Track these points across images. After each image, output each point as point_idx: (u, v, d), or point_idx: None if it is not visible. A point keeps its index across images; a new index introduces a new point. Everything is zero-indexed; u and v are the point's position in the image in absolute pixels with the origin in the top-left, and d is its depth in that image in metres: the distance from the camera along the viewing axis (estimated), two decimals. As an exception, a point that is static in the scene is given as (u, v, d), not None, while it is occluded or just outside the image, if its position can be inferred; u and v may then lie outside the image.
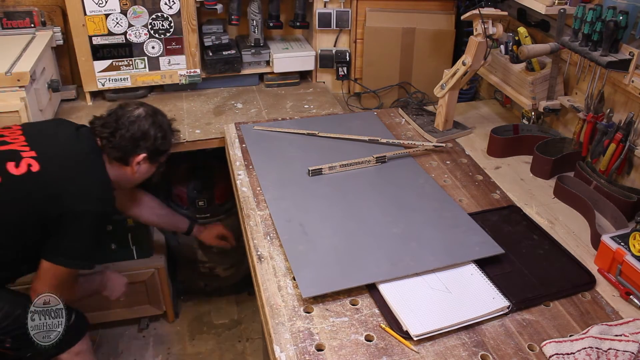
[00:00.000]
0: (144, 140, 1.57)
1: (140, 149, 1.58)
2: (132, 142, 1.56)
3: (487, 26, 1.69)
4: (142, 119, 1.57)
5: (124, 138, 1.55)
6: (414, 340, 1.12)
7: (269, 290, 1.24)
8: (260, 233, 1.42)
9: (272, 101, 2.25)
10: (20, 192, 1.42)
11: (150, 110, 1.62)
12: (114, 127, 1.55)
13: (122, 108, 1.60)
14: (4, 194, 1.42)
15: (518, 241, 1.42)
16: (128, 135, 1.55)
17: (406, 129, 2.00)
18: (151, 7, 2.06)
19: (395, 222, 1.45)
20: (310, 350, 1.09)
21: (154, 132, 1.58)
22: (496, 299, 1.22)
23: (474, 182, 1.68)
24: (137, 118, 1.57)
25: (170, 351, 2.30)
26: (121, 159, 1.58)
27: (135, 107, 1.60)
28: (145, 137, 1.57)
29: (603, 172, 1.59)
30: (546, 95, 1.83)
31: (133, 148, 1.57)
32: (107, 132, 1.55)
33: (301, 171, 1.66)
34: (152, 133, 1.58)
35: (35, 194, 1.42)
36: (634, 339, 1.11)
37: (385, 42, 2.27)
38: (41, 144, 1.50)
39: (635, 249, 1.28)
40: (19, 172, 1.42)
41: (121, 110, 1.59)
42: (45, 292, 1.48)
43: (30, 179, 1.42)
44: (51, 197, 1.43)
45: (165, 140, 1.63)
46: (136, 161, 1.59)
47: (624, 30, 1.49)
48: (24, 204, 1.42)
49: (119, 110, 1.59)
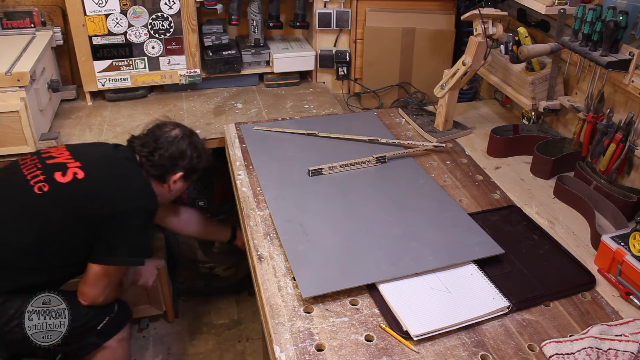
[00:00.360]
0: (182, 159, 1.65)
1: (178, 168, 1.65)
2: (171, 162, 1.63)
3: (487, 26, 1.69)
4: (180, 140, 1.65)
5: (163, 157, 1.62)
6: (414, 340, 1.12)
7: (269, 290, 1.24)
8: (260, 233, 1.42)
9: (272, 101, 2.25)
10: (68, 198, 1.48)
11: (187, 132, 1.69)
12: (153, 147, 1.62)
13: (160, 128, 1.67)
14: (52, 201, 1.47)
15: (518, 241, 1.42)
16: (167, 155, 1.62)
17: (406, 129, 2.00)
18: (151, 7, 2.06)
19: (395, 222, 1.45)
20: (310, 350, 1.09)
21: (190, 152, 1.66)
22: (496, 299, 1.22)
23: (474, 182, 1.68)
24: (174, 139, 1.64)
25: (170, 351, 2.30)
26: (159, 177, 1.65)
27: (172, 127, 1.68)
28: (183, 156, 1.64)
29: (603, 172, 1.59)
30: (546, 95, 1.83)
31: (171, 167, 1.64)
32: (146, 151, 1.62)
33: (301, 171, 1.66)
34: (189, 153, 1.65)
35: (82, 198, 1.48)
36: (634, 339, 1.11)
37: (385, 42, 2.27)
38: (84, 156, 1.57)
39: (635, 249, 1.28)
40: (65, 180, 1.48)
41: (159, 131, 1.66)
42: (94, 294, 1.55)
43: (77, 185, 1.49)
44: (98, 199, 1.48)
45: (200, 160, 1.70)
46: (173, 179, 1.66)
47: (624, 30, 1.49)
48: (72, 209, 1.47)
49: (156, 130, 1.66)
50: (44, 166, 1.51)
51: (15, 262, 1.46)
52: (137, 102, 2.22)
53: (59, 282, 1.59)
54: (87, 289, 1.54)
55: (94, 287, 1.54)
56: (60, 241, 1.49)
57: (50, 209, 1.47)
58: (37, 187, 1.47)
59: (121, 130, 2.00)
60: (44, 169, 1.51)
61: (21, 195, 1.49)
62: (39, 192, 1.46)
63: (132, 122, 2.06)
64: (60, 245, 1.49)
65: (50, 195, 1.47)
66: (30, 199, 1.46)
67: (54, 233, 1.48)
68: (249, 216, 1.49)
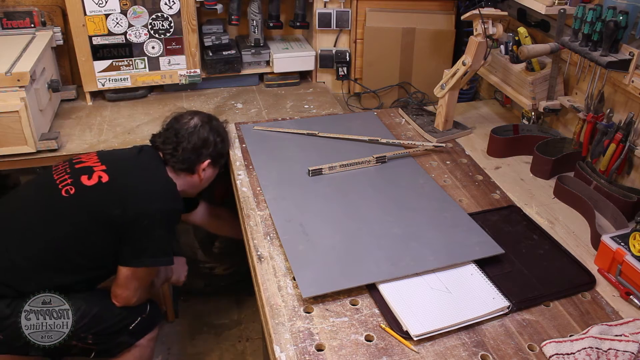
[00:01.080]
0: (205, 148, 1.63)
1: (204, 157, 1.64)
2: (195, 152, 1.62)
3: (487, 26, 1.69)
4: (200, 128, 1.64)
5: (187, 150, 1.61)
6: (414, 340, 1.12)
7: (269, 290, 1.24)
8: (260, 233, 1.42)
9: (272, 101, 2.25)
10: (92, 201, 1.50)
11: (205, 118, 1.68)
12: (175, 142, 1.61)
13: (178, 121, 1.66)
14: (78, 204, 1.49)
15: (518, 241, 1.42)
16: (190, 147, 1.61)
17: (406, 129, 2.00)
18: (151, 7, 2.06)
19: (395, 222, 1.45)
20: (310, 350, 1.09)
21: (213, 138, 1.65)
22: (496, 299, 1.22)
23: (474, 182, 1.68)
24: (194, 128, 1.63)
25: (170, 351, 2.30)
26: (187, 170, 1.64)
27: (190, 117, 1.66)
28: (206, 144, 1.63)
29: (603, 172, 1.59)
30: (546, 95, 1.83)
31: (197, 157, 1.63)
32: (169, 148, 1.61)
33: (301, 171, 1.66)
34: (212, 139, 1.64)
35: (106, 201, 1.49)
36: (634, 339, 1.11)
37: (385, 42, 2.27)
38: (111, 160, 1.59)
39: (635, 249, 1.28)
40: (90, 183, 1.50)
41: (177, 124, 1.65)
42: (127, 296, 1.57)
43: (101, 188, 1.50)
44: (122, 201, 1.49)
45: (224, 144, 1.70)
46: (202, 168, 1.65)
47: (624, 30, 1.49)
48: (96, 211, 1.49)
49: (174, 123, 1.65)
50: (72, 170, 1.54)
51: (45, 262, 1.49)
52: (137, 102, 2.22)
53: (91, 282, 1.61)
54: (119, 290, 1.56)
55: (126, 288, 1.56)
56: (86, 243, 1.50)
57: (76, 211, 1.49)
58: (64, 190, 1.50)
59: (121, 130, 2.00)
60: (72, 173, 1.54)
61: (49, 198, 1.52)
62: (65, 194, 1.49)
63: (132, 122, 2.06)
64: (86, 247, 1.51)
65: (75, 198, 1.49)
66: (57, 201, 1.49)
67: (80, 235, 1.49)
68: (249, 216, 1.49)
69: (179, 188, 1.63)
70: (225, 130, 1.74)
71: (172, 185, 1.60)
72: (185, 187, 1.68)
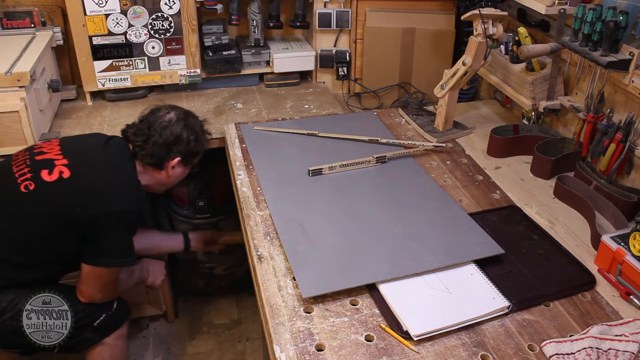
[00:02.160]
0: (177, 144, 1.59)
1: (174, 154, 1.60)
2: (165, 148, 1.58)
3: (487, 26, 1.69)
4: (174, 124, 1.59)
5: (157, 144, 1.57)
6: (414, 340, 1.12)
7: (269, 290, 1.24)
8: (260, 233, 1.42)
9: (272, 101, 2.25)
10: (52, 198, 1.46)
11: (181, 114, 1.63)
12: (146, 134, 1.57)
13: (154, 114, 1.62)
14: (37, 200, 1.46)
15: (518, 241, 1.42)
16: (161, 142, 1.57)
17: (406, 129, 2.00)
18: (151, 7, 2.06)
19: (395, 222, 1.45)
20: (310, 350, 1.09)
21: (186, 135, 1.60)
22: (496, 299, 1.22)
23: (474, 182, 1.68)
24: (169, 123, 1.59)
25: (170, 351, 2.30)
26: (155, 165, 1.60)
27: (167, 111, 1.62)
28: (178, 141, 1.59)
29: (603, 172, 1.59)
30: (546, 95, 1.83)
31: (167, 153, 1.59)
32: (140, 140, 1.58)
33: (301, 171, 1.66)
34: (185, 137, 1.60)
35: (66, 199, 1.46)
36: (634, 339, 1.11)
37: (385, 42, 2.27)
38: (73, 152, 1.54)
39: (635, 249, 1.28)
40: (51, 179, 1.46)
41: (152, 116, 1.61)
42: (90, 293, 1.55)
43: (62, 185, 1.46)
44: (82, 200, 1.46)
45: (197, 143, 1.65)
46: (170, 165, 1.61)
47: (624, 31, 1.49)
48: (56, 209, 1.46)
49: (150, 116, 1.61)
50: (32, 163, 1.50)
51: (6, 257, 1.47)
52: (137, 102, 2.22)
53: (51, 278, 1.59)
54: (83, 287, 1.55)
55: (89, 285, 1.54)
56: (46, 239, 1.48)
57: (36, 208, 1.46)
58: (24, 185, 1.46)
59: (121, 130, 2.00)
60: (32, 165, 1.49)
61: (8, 193, 1.48)
62: (25, 190, 1.45)
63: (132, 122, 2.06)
64: (46, 243, 1.48)
65: (35, 194, 1.45)
66: (16, 197, 1.46)
67: (39, 231, 1.47)
68: (249, 216, 1.49)
69: (145, 183, 1.61)
70: (202, 128, 1.69)
71: (135, 185, 1.56)
72: (151, 183, 1.64)
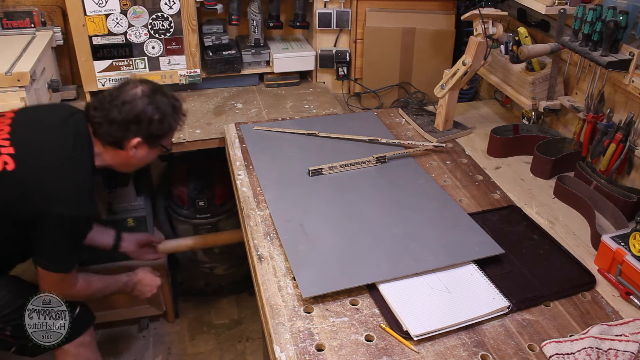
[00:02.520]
0: (137, 123, 1.44)
1: (133, 133, 1.45)
2: (124, 126, 1.43)
3: (487, 26, 1.69)
4: (138, 100, 1.43)
5: (115, 122, 1.42)
6: (414, 340, 1.12)
7: (269, 290, 1.24)
8: (260, 233, 1.42)
9: (272, 101, 2.25)
10: None
11: (148, 89, 1.47)
12: (106, 110, 1.43)
13: (121, 86, 1.48)
14: None
15: (518, 241, 1.42)
16: (120, 119, 1.42)
17: (406, 129, 2.00)
18: (151, 7, 2.05)
19: (395, 222, 1.45)
20: (310, 350, 1.09)
21: (149, 114, 1.44)
22: (496, 299, 1.22)
23: (474, 182, 1.68)
24: (132, 98, 1.44)
25: (170, 351, 2.30)
26: (114, 144, 1.47)
27: (134, 85, 1.47)
28: (137, 120, 1.43)
29: (603, 172, 1.59)
30: (546, 95, 1.83)
31: (124, 132, 1.44)
32: (98, 117, 1.44)
33: (301, 171, 1.66)
34: (147, 116, 1.44)
35: (8, 193, 1.38)
36: (634, 339, 1.11)
37: (385, 42, 2.27)
38: (23, 139, 1.43)
39: (635, 249, 1.28)
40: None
41: (117, 91, 1.46)
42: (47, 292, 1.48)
43: (5, 178, 1.37)
44: (24, 197, 1.37)
45: (162, 124, 1.47)
46: (131, 145, 1.47)
47: (624, 30, 1.49)
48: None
49: (114, 91, 1.47)
50: None
51: None
52: (137, 102, 2.21)
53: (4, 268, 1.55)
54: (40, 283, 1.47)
55: (44, 284, 1.48)
56: None
57: None
58: None
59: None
60: None
61: None
62: None
63: (132, 122, 2.06)
64: None
65: None
66: None
67: None
68: (249, 216, 1.49)
69: (107, 163, 1.50)
70: (173, 108, 1.51)
71: (86, 186, 1.43)
72: (113, 163, 1.52)
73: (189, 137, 1.95)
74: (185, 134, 1.96)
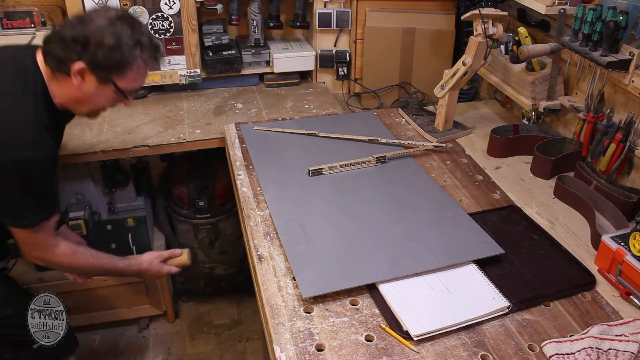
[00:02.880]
0: (84, 44, 1.27)
1: (77, 54, 1.28)
2: (68, 45, 1.27)
3: (487, 26, 1.70)
4: (96, 20, 1.28)
5: (63, 40, 1.27)
6: (414, 340, 1.12)
7: (269, 290, 1.24)
8: (260, 233, 1.42)
9: (272, 101, 2.25)
10: None
11: (116, 15, 1.31)
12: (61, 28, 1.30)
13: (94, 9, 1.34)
14: None
15: (518, 241, 1.42)
16: (68, 37, 1.27)
17: (406, 129, 2.00)
18: (151, 7, 2.06)
19: (395, 222, 1.45)
20: (310, 350, 1.09)
21: (100, 37, 1.26)
22: (496, 299, 1.22)
23: (474, 182, 1.68)
24: (91, 18, 1.29)
25: (170, 351, 2.30)
26: (59, 69, 1.31)
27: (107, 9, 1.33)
28: (85, 40, 1.27)
29: (603, 172, 1.59)
30: (546, 95, 1.83)
31: (67, 52, 1.28)
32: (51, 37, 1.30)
33: (301, 171, 1.66)
34: (97, 38, 1.26)
35: None
36: (634, 339, 1.11)
37: (385, 42, 2.27)
38: None
39: (635, 249, 1.28)
40: None
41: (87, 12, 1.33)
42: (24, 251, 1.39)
43: None
44: None
45: (113, 53, 1.28)
46: (75, 70, 1.30)
47: (624, 31, 1.49)
48: None
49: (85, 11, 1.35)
50: None
51: None
52: (137, 102, 2.22)
53: None
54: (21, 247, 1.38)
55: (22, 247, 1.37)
56: None
57: None
58: None
59: (121, 130, 2.00)
60: None
61: None
62: None
63: (132, 122, 2.06)
64: None
65: None
66: None
67: None
68: (249, 216, 1.49)
69: (62, 99, 1.36)
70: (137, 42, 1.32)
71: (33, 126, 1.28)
72: (66, 98, 1.37)
73: (189, 137, 1.95)
74: (185, 134, 1.96)
